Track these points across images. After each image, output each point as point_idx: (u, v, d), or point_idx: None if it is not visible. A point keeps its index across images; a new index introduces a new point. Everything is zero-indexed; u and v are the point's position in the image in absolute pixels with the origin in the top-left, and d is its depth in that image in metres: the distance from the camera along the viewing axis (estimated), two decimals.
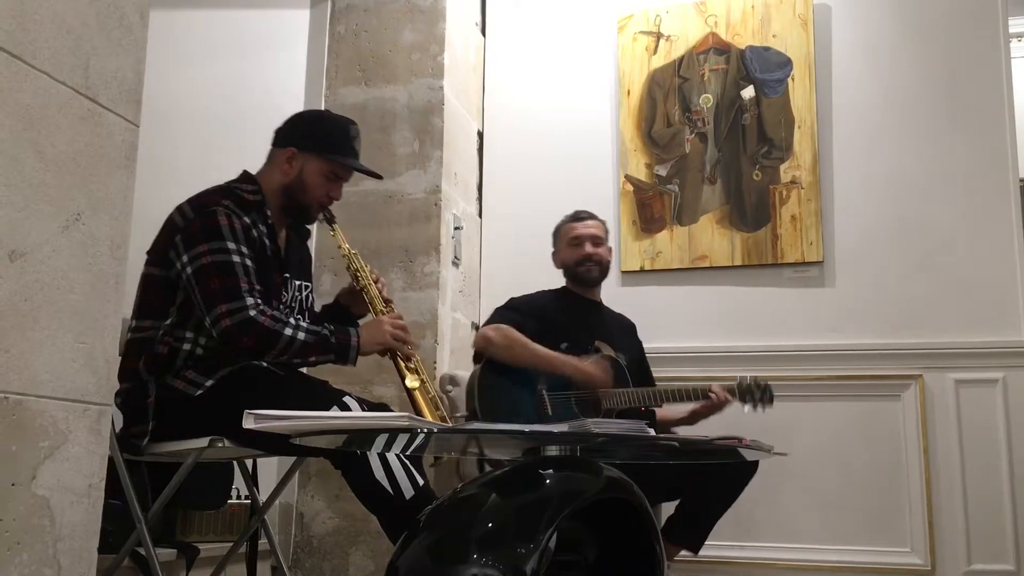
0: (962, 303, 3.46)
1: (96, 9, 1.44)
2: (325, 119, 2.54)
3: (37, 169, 1.32)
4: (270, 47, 3.86)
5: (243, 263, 2.21)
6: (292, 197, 2.41)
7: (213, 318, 2.17)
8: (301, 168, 2.40)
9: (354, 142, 2.47)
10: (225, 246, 2.20)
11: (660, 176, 3.83)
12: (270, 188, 2.40)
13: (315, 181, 2.41)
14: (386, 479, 2.11)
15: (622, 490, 1.65)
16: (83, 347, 1.40)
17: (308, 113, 2.61)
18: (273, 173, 2.42)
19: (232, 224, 2.23)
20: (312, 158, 2.41)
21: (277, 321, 2.20)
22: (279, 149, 2.44)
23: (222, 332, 2.16)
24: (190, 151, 3.48)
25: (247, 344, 2.17)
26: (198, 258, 2.19)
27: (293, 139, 2.43)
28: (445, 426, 1.74)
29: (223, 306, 2.15)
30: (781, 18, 3.79)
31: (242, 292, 2.17)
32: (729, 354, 3.60)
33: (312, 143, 2.41)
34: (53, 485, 1.35)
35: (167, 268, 2.25)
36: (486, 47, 4.16)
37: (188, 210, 2.28)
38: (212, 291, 2.17)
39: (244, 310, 2.16)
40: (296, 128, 2.47)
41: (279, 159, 2.42)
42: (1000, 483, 3.31)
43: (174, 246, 2.24)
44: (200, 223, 2.23)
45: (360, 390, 3.17)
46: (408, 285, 3.51)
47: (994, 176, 3.50)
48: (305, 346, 2.22)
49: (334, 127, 2.48)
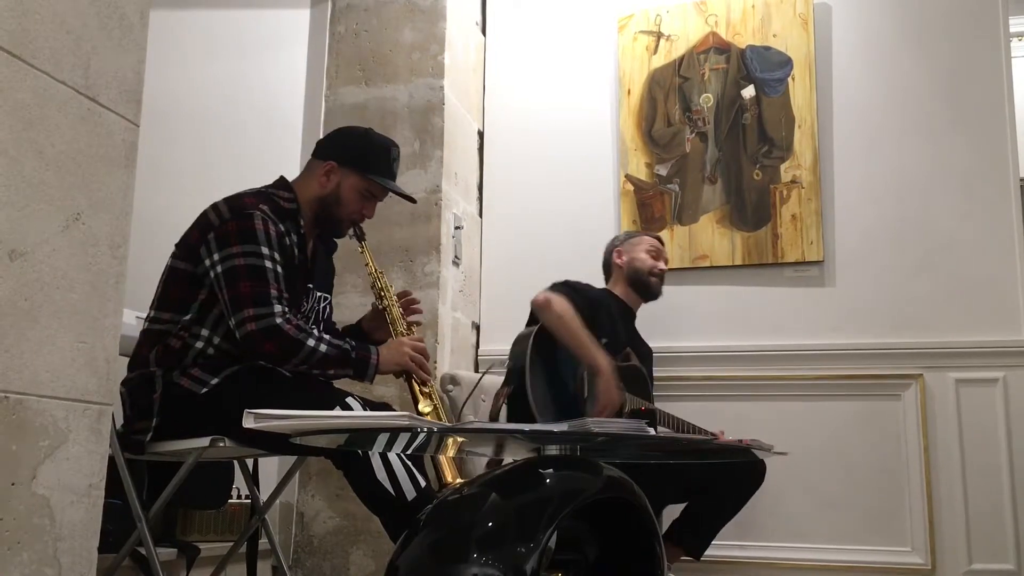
0: (962, 303, 3.46)
1: (96, 9, 1.44)
2: (368, 137, 2.54)
3: (37, 168, 1.33)
4: (270, 47, 3.86)
5: (275, 269, 2.22)
6: (326, 210, 2.43)
7: (238, 320, 2.17)
8: (339, 183, 2.42)
9: (393, 164, 2.49)
10: (259, 250, 2.21)
11: (660, 176, 3.83)
12: (305, 198, 2.42)
13: (351, 197, 2.43)
14: (388, 480, 2.11)
15: (622, 489, 1.65)
16: (83, 347, 1.40)
17: (351, 129, 2.61)
18: (310, 183, 2.43)
19: (268, 230, 2.24)
20: (351, 174, 2.42)
21: (301, 331, 2.21)
22: (319, 161, 2.45)
23: (246, 335, 2.17)
24: (190, 151, 3.49)
25: (269, 350, 2.18)
26: (230, 259, 2.20)
27: (334, 153, 2.44)
28: (445, 425, 1.74)
29: (250, 310, 2.16)
30: (781, 17, 3.79)
31: (271, 298, 2.18)
32: (730, 354, 3.60)
33: (353, 160, 2.43)
34: (53, 484, 1.35)
35: (195, 264, 2.26)
36: (486, 47, 4.16)
37: (224, 210, 2.28)
38: (241, 294, 2.18)
39: (271, 316, 2.17)
40: (339, 143, 2.49)
41: (318, 171, 2.43)
42: (1000, 482, 3.31)
43: (206, 243, 2.24)
44: (236, 224, 2.23)
45: (362, 390, 3.16)
46: (408, 285, 3.51)
47: (995, 175, 3.50)
48: (325, 358, 2.23)
49: (376, 147, 2.49)
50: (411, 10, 3.74)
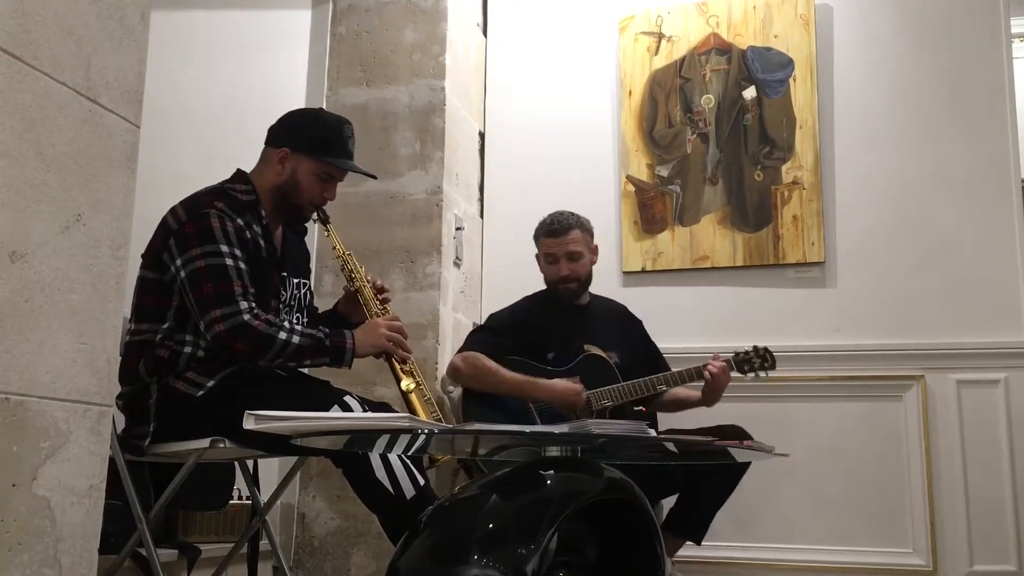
0: (964, 303, 3.45)
1: (97, 10, 1.44)
2: (319, 119, 2.52)
3: (38, 169, 1.33)
4: (271, 48, 3.86)
5: (236, 266, 2.20)
6: (285, 197, 2.41)
7: (207, 323, 2.16)
8: (294, 168, 2.39)
9: (348, 142, 2.45)
10: (219, 249, 2.19)
11: (661, 176, 3.83)
12: (263, 188, 2.40)
13: (308, 181, 2.40)
14: (387, 478, 2.11)
15: (623, 490, 1.65)
16: (84, 347, 1.40)
17: (301, 112, 2.58)
18: (266, 173, 2.41)
19: (225, 226, 2.22)
20: (305, 158, 2.40)
21: (271, 325, 2.19)
22: (272, 149, 2.43)
23: (216, 336, 2.15)
24: (191, 151, 3.48)
25: (240, 348, 2.16)
26: (191, 262, 2.19)
27: (286, 139, 2.41)
28: (445, 427, 1.74)
29: (216, 311, 2.15)
30: (783, 18, 3.79)
31: (235, 296, 2.17)
32: (731, 355, 3.59)
33: (305, 143, 2.40)
34: (54, 486, 1.35)
35: (162, 272, 2.25)
36: (487, 47, 4.16)
37: (181, 212, 2.27)
38: (205, 295, 2.16)
39: (238, 314, 2.15)
40: (289, 128, 2.45)
41: (272, 159, 2.41)
42: (1002, 484, 3.31)
43: (168, 249, 2.23)
44: (193, 226, 2.22)
45: (362, 390, 3.16)
46: (409, 285, 3.51)
47: (996, 176, 3.50)
48: (300, 349, 2.21)
49: (327, 127, 2.46)
50: (412, 11, 3.74)
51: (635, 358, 3.15)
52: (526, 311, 3.17)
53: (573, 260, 3.14)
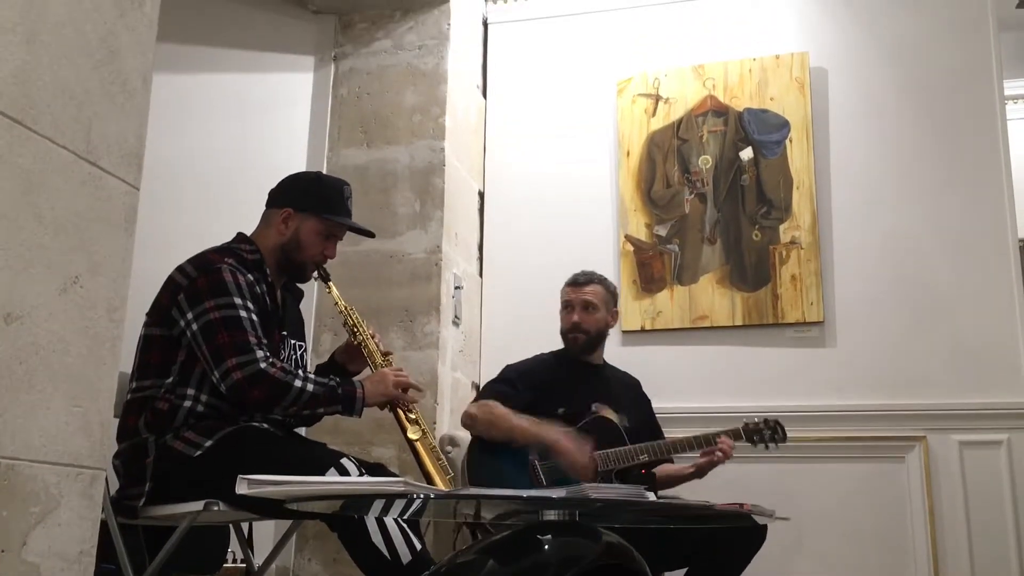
0: (964, 364, 3.44)
1: (100, 75, 1.46)
2: (320, 180, 2.63)
3: (36, 232, 1.33)
4: (273, 110, 3.90)
5: (250, 318, 2.24)
6: (288, 256, 2.46)
7: (223, 372, 2.17)
8: (297, 227, 2.46)
9: (348, 202, 2.54)
10: (232, 301, 2.23)
11: (660, 236, 3.84)
12: (266, 247, 2.45)
13: (311, 240, 2.46)
14: (383, 543, 2.09)
15: (621, 556, 1.63)
16: (78, 410, 1.39)
17: (303, 174, 2.69)
18: (269, 233, 2.47)
19: (237, 280, 2.26)
20: (308, 218, 2.46)
21: (287, 373, 2.22)
22: (275, 209, 2.49)
23: (233, 385, 2.16)
24: (193, 213, 3.50)
25: (257, 396, 2.18)
26: (204, 314, 2.21)
27: (289, 200, 2.48)
28: (441, 491, 1.72)
29: (233, 359, 2.17)
30: (778, 81, 3.83)
31: (251, 345, 2.20)
32: (730, 414, 3.54)
33: (308, 203, 2.47)
34: (44, 551, 1.33)
35: (169, 327, 2.26)
36: (487, 109, 4.21)
37: (190, 269, 2.30)
38: (221, 345, 2.18)
39: (255, 362, 2.17)
40: (292, 189, 2.53)
41: (275, 219, 2.47)
42: (1007, 545, 3.27)
43: (177, 304, 2.25)
44: (205, 280, 2.25)
45: (359, 451, 3.14)
46: (408, 345, 3.51)
47: (993, 236, 3.51)
48: (314, 397, 2.24)
49: (328, 187, 2.55)
50: (413, 73, 3.79)
51: (642, 427, 3.14)
52: (542, 364, 3.17)
53: (587, 311, 3.14)
